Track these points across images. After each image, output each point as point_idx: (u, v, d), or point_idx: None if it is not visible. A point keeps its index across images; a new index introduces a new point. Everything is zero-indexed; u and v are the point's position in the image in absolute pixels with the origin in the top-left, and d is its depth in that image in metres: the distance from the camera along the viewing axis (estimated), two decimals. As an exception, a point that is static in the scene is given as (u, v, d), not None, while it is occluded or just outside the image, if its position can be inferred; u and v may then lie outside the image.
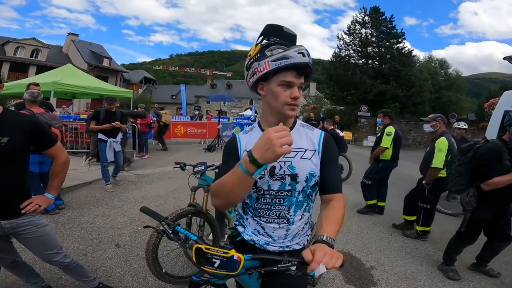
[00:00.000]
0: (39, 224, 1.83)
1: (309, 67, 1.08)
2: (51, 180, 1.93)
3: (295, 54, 1.05)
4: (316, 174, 1.19)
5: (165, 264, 2.70)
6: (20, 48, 27.62)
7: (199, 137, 13.48)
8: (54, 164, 1.90)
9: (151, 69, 71.58)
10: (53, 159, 1.89)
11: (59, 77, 8.59)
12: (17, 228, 1.75)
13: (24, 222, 1.76)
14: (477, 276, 3.07)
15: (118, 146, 5.27)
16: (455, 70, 34.17)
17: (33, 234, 1.81)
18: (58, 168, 1.90)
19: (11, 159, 1.63)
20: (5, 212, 1.69)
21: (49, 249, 1.92)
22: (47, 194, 1.88)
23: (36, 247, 1.89)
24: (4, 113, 1.63)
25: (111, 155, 5.15)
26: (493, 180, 2.63)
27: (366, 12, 22.72)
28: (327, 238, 0.97)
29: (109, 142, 5.08)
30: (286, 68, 1.07)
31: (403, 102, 20.80)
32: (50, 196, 1.88)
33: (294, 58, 1.05)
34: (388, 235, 4.04)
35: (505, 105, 6.41)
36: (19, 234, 1.78)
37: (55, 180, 1.92)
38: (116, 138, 5.21)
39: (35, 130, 1.71)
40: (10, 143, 1.58)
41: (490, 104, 13.34)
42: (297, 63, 1.05)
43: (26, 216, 1.75)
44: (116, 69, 34.78)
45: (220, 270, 1.01)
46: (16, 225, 1.74)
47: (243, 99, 45.04)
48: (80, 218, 3.94)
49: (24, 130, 1.66)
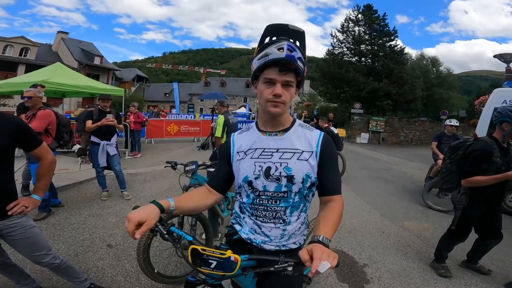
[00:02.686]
0: (26, 226, 1.80)
1: (290, 62, 1.06)
2: (37, 181, 1.91)
3: (274, 50, 1.05)
4: (313, 175, 1.19)
5: (158, 264, 2.67)
6: (8, 46, 27.03)
7: (193, 135, 13.40)
8: (40, 165, 1.87)
9: (144, 67, 71.08)
10: (39, 160, 1.86)
11: (48, 75, 8.41)
12: (4, 230, 1.72)
13: (11, 224, 1.73)
14: (468, 273, 3.10)
15: (113, 150, 4.67)
16: (447, 67, 34.57)
17: (20, 236, 1.78)
18: (44, 169, 1.87)
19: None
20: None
21: (38, 250, 1.89)
22: (34, 195, 1.85)
23: (24, 248, 1.86)
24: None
25: (104, 159, 4.58)
26: (473, 178, 2.65)
27: (359, 10, 22.78)
28: (323, 239, 0.98)
29: (101, 145, 4.53)
30: (268, 65, 1.08)
31: (395, 99, 20.96)
32: (37, 197, 1.85)
33: (272, 55, 1.05)
34: (380, 233, 4.07)
35: (495, 102, 6.50)
36: (6, 236, 1.75)
37: (42, 181, 1.89)
38: (111, 141, 4.65)
39: (19, 131, 1.67)
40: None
41: (480, 101, 13.53)
42: (274, 59, 1.05)
43: (13, 217, 1.71)
44: (107, 67, 34.28)
45: (216, 271, 1.01)
46: (3, 227, 1.71)
47: (237, 97, 44.89)
48: (71, 219, 3.88)
49: (8, 131, 1.61)
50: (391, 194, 6.16)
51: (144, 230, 0.98)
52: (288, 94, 1.12)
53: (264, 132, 1.25)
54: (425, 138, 18.88)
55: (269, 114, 1.16)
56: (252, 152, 1.24)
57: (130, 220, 0.98)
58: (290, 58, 1.04)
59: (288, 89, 1.11)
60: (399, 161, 11.00)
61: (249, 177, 1.21)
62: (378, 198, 5.83)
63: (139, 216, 0.99)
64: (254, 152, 1.23)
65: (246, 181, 1.22)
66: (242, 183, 1.24)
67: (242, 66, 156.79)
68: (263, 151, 1.22)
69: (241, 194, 1.30)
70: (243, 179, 1.23)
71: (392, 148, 15.87)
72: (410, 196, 6.08)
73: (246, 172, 1.22)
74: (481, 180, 2.61)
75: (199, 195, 1.32)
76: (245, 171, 1.22)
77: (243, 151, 1.26)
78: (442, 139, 5.92)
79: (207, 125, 12.97)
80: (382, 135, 18.22)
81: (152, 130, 11.82)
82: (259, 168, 1.19)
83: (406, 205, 5.45)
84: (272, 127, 1.24)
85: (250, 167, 1.21)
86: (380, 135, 18.22)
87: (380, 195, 6.07)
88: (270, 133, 1.24)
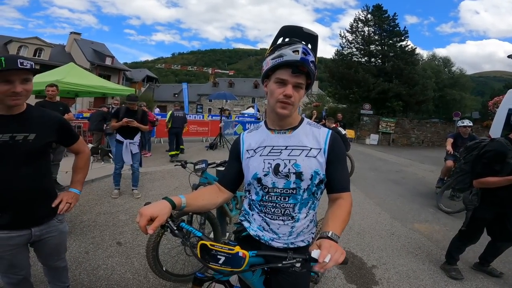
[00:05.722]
0: (65, 231, 1.77)
1: (304, 65, 1.08)
2: (75, 174, 1.84)
3: (289, 52, 1.08)
4: (321, 172, 1.20)
5: (166, 262, 2.70)
6: (23, 47, 27.66)
7: (202, 135, 13.49)
8: (79, 158, 1.85)
9: (153, 68, 71.84)
10: (77, 153, 1.85)
11: (61, 76, 8.62)
12: (43, 235, 1.62)
13: (50, 227, 1.65)
14: (479, 275, 3.04)
15: (135, 148, 4.87)
16: (459, 68, 34.01)
17: (54, 241, 1.70)
18: (82, 162, 1.86)
19: (39, 157, 1.56)
20: (38, 217, 1.59)
21: (60, 254, 1.84)
22: (73, 189, 1.78)
23: (51, 254, 1.77)
24: (28, 109, 1.54)
25: (129, 157, 4.79)
26: (485, 178, 2.60)
27: (369, 10, 22.56)
28: (332, 235, 1.00)
29: (125, 144, 4.73)
30: (282, 66, 1.10)
31: (406, 100, 20.64)
32: (77, 191, 1.78)
33: (286, 56, 1.08)
34: (390, 234, 4.02)
35: (510, 103, 6.37)
36: (40, 240, 1.64)
37: (80, 174, 1.84)
38: (134, 140, 4.83)
39: (62, 127, 1.66)
40: (38, 140, 1.51)
41: (494, 102, 13.25)
42: (289, 61, 1.07)
43: (52, 222, 1.66)
44: (118, 68, 34.76)
45: (225, 266, 1.02)
46: (46, 232, 1.63)
47: (245, 97, 45.02)
48: (82, 216, 3.95)
49: (52, 127, 1.59)
50: (401, 196, 6.07)
51: (156, 225, 0.99)
52: (298, 95, 1.14)
53: (273, 131, 1.27)
54: (437, 139, 18.57)
55: (277, 114, 1.19)
56: (262, 149, 1.25)
57: (142, 215, 0.99)
58: (304, 61, 1.06)
59: (298, 90, 1.14)
60: (409, 162, 10.84)
61: (259, 174, 1.22)
62: (387, 199, 5.75)
63: (151, 211, 1.01)
64: (263, 149, 1.25)
65: (255, 178, 1.23)
66: (252, 180, 1.25)
67: (250, 66, 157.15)
68: (272, 148, 1.23)
69: (250, 192, 1.31)
70: (252, 176, 1.24)
71: (402, 150, 15.65)
72: (421, 198, 5.98)
73: (256, 169, 1.23)
74: (492, 181, 2.56)
75: (209, 193, 1.33)
76: (254, 168, 1.24)
77: (253, 149, 1.28)
78: (458, 141, 5.72)
79: (215, 125, 13.01)
80: (392, 136, 17.99)
81: (162, 130, 11.93)
82: (268, 165, 1.21)
83: (416, 207, 5.36)
84: (281, 125, 1.26)
85: (260, 164, 1.23)
86: (390, 137, 18.00)
87: (390, 196, 5.99)
88: (279, 131, 1.26)
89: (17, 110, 1.48)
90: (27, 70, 1.38)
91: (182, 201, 1.15)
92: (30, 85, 1.46)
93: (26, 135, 1.47)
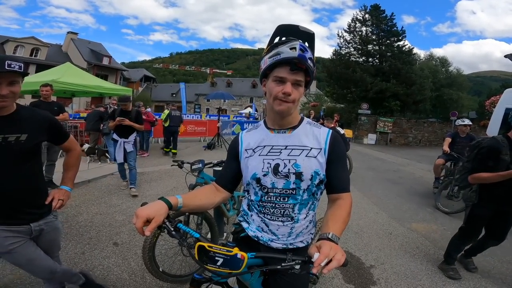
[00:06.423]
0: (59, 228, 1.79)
1: (302, 62, 1.06)
2: (66, 172, 1.86)
3: (286, 49, 1.06)
4: (321, 172, 1.18)
5: (163, 263, 2.68)
6: (19, 47, 27.52)
7: (199, 135, 13.45)
8: (70, 155, 1.87)
9: (151, 68, 71.57)
10: (68, 151, 1.86)
11: (58, 75, 8.57)
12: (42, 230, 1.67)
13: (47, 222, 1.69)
14: (477, 275, 3.04)
15: (129, 147, 5.03)
16: (456, 68, 34.13)
17: (48, 237, 1.73)
18: (73, 159, 1.88)
19: (31, 157, 1.58)
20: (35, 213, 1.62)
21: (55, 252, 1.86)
22: (64, 187, 1.79)
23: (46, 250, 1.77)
24: (19, 110, 1.55)
25: (121, 156, 4.98)
26: (478, 174, 2.63)
27: (367, 10, 22.58)
28: (332, 236, 0.98)
29: (119, 143, 4.94)
30: (279, 63, 1.08)
31: (403, 100, 20.69)
32: (68, 188, 1.80)
33: (284, 54, 1.06)
34: (388, 234, 4.02)
35: (506, 103, 6.40)
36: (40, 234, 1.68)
37: (71, 172, 1.86)
38: (128, 139, 4.99)
39: (52, 126, 1.68)
40: (29, 140, 1.53)
41: (491, 102, 13.30)
42: (286, 58, 1.06)
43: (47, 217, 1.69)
44: (116, 68, 34.68)
45: (223, 268, 1.00)
46: (44, 225, 1.67)
47: (243, 97, 44.94)
48: (78, 217, 3.91)
49: (42, 126, 1.61)
50: (398, 196, 6.08)
51: (153, 227, 0.98)
52: (297, 93, 1.12)
53: (272, 130, 1.25)
54: (434, 139, 18.62)
55: (275, 112, 1.17)
56: (261, 149, 1.23)
57: (138, 217, 0.97)
58: (302, 58, 1.05)
59: (297, 88, 1.12)
60: (407, 162, 10.87)
61: (258, 174, 1.20)
62: (385, 199, 5.76)
63: (148, 213, 0.99)
64: (262, 149, 1.23)
65: (254, 178, 1.21)
66: (250, 181, 1.23)
67: (248, 66, 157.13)
68: (271, 148, 1.21)
69: (249, 192, 1.29)
70: (251, 176, 1.22)
71: (400, 149, 15.69)
72: (419, 197, 5.99)
73: (255, 169, 1.21)
74: (484, 177, 2.58)
75: (206, 192, 1.31)
76: (253, 168, 1.22)
77: (252, 149, 1.26)
78: (456, 140, 5.76)
79: (213, 125, 12.99)
80: (390, 136, 18.02)
81: (159, 130, 11.89)
82: (268, 165, 1.19)
83: (414, 206, 5.37)
84: (280, 125, 1.24)
85: (259, 164, 1.21)
86: (388, 136, 18.03)
87: (388, 196, 5.99)
88: (279, 131, 1.24)
89: (5, 112, 1.49)
90: (14, 72, 1.38)
91: (178, 201, 1.13)
92: (18, 87, 1.46)
93: (18, 135, 1.49)
